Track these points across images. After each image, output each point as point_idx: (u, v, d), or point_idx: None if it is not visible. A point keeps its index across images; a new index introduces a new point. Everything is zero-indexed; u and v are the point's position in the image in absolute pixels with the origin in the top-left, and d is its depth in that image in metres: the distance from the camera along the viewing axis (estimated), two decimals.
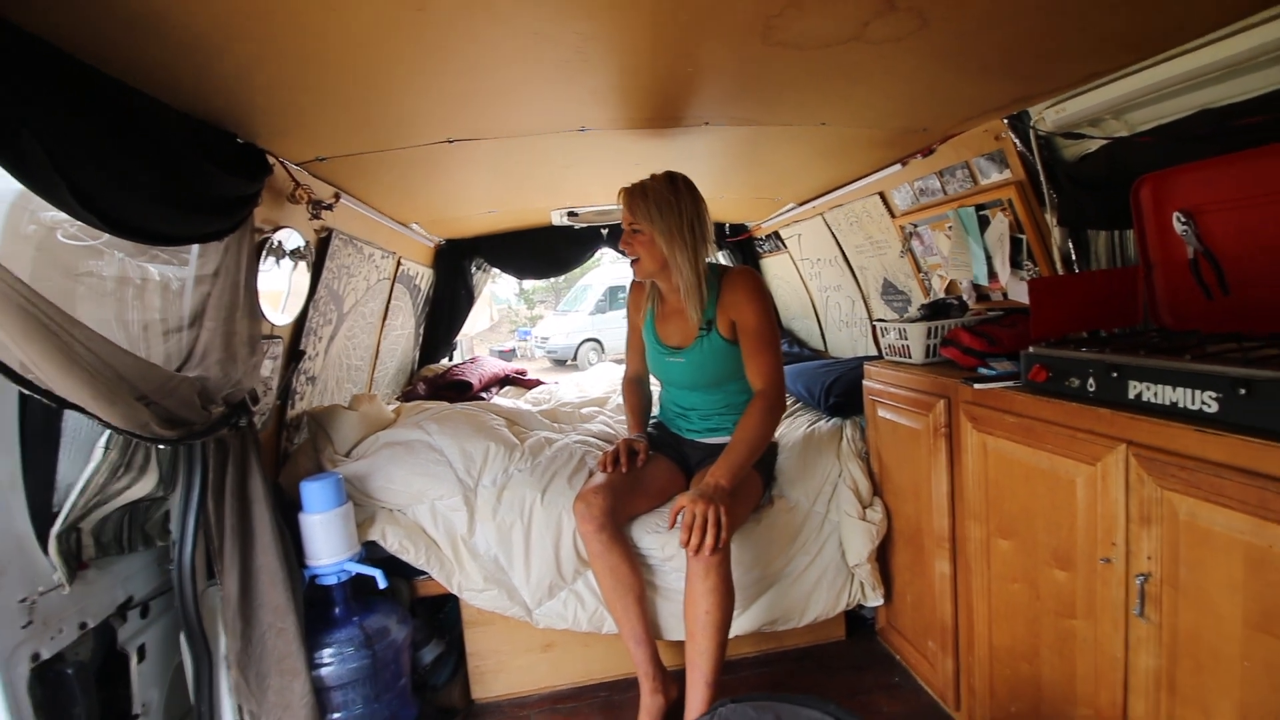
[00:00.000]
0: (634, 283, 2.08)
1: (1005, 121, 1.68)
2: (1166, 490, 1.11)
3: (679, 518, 1.62)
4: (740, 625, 2.03)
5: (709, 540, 1.57)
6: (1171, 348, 1.23)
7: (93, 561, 1.41)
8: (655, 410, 2.31)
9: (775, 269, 3.88)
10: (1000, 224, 1.91)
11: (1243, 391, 1.00)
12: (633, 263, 1.90)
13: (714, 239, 1.89)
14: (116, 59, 0.97)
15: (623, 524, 1.86)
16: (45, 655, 1.23)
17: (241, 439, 1.55)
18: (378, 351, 2.88)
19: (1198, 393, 1.07)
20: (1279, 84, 1.20)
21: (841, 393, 2.36)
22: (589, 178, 2.38)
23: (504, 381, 3.60)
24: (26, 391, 0.93)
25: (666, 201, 1.79)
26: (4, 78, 0.74)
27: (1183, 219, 1.40)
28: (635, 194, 1.83)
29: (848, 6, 1.04)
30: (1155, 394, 1.15)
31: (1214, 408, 1.05)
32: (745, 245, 4.00)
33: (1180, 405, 1.10)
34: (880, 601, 2.12)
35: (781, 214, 3.21)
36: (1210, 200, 1.36)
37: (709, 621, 1.68)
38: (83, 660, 1.34)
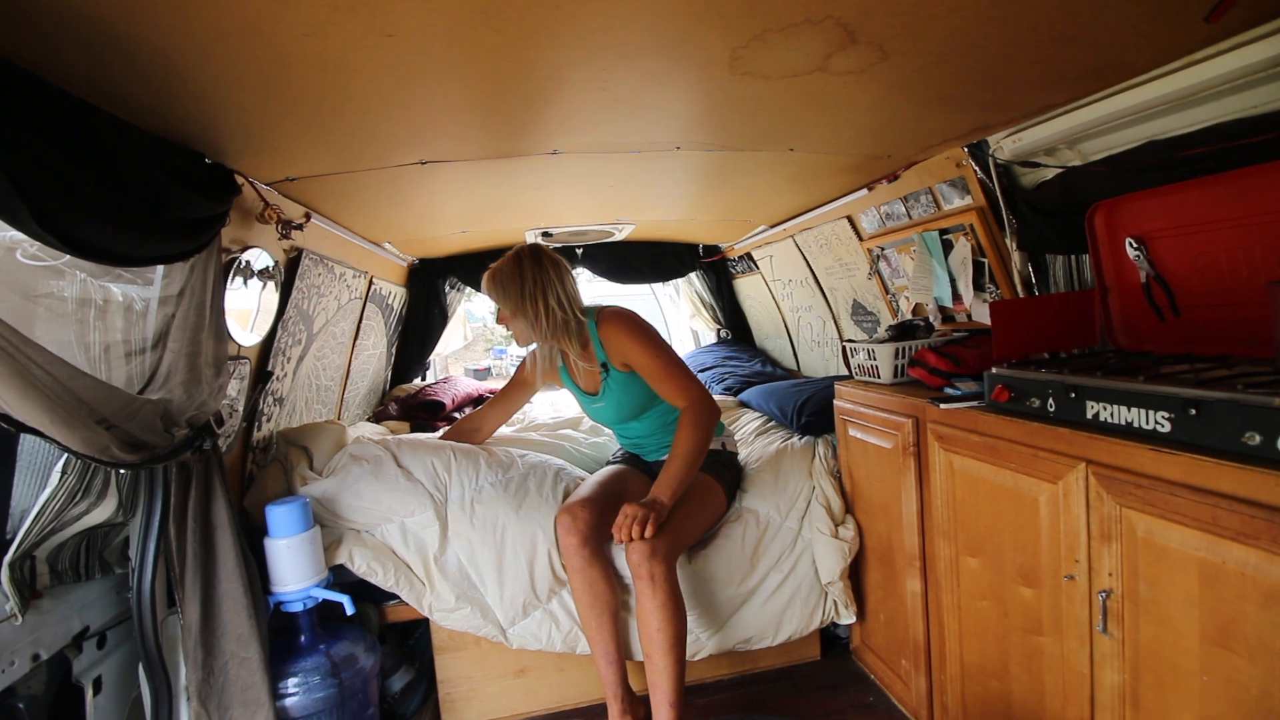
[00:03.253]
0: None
1: (965, 149, 1.74)
2: (1125, 508, 1.14)
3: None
4: (714, 645, 2.02)
5: (635, 529, 1.67)
6: (1126, 369, 1.27)
7: (47, 590, 1.36)
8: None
9: (748, 289, 3.93)
10: (963, 248, 1.96)
11: (1193, 412, 1.04)
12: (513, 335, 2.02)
13: (571, 296, 1.96)
14: (82, 79, 0.97)
15: (604, 540, 1.85)
16: None
17: (205, 462, 1.51)
18: (348, 372, 2.84)
19: (1151, 413, 1.11)
20: (1221, 117, 1.26)
21: (813, 412, 2.38)
22: (563, 199, 2.40)
23: (477, 401, 3.56)
24: None
25: (513, 279, 1.92)
26: None
27: (1135, 244, 1.46)
28: (488, 280, 1.97)
29: (810, 40, 1.08)
30: (1112, 414, 1.18)
31: (1167, 427, 1.09)
32: (719, 266, 4.05)
33: (1135, 425, 1.14)
34: (853, 619, 2.13)
35: (754, 236, 3.26)
36: (1160, 226, 1.42)
37: (661, 639, 1.69)
38: (35, 694, 1.29)
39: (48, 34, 0.83)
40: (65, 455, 1.26)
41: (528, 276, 1.90)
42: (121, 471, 1.33)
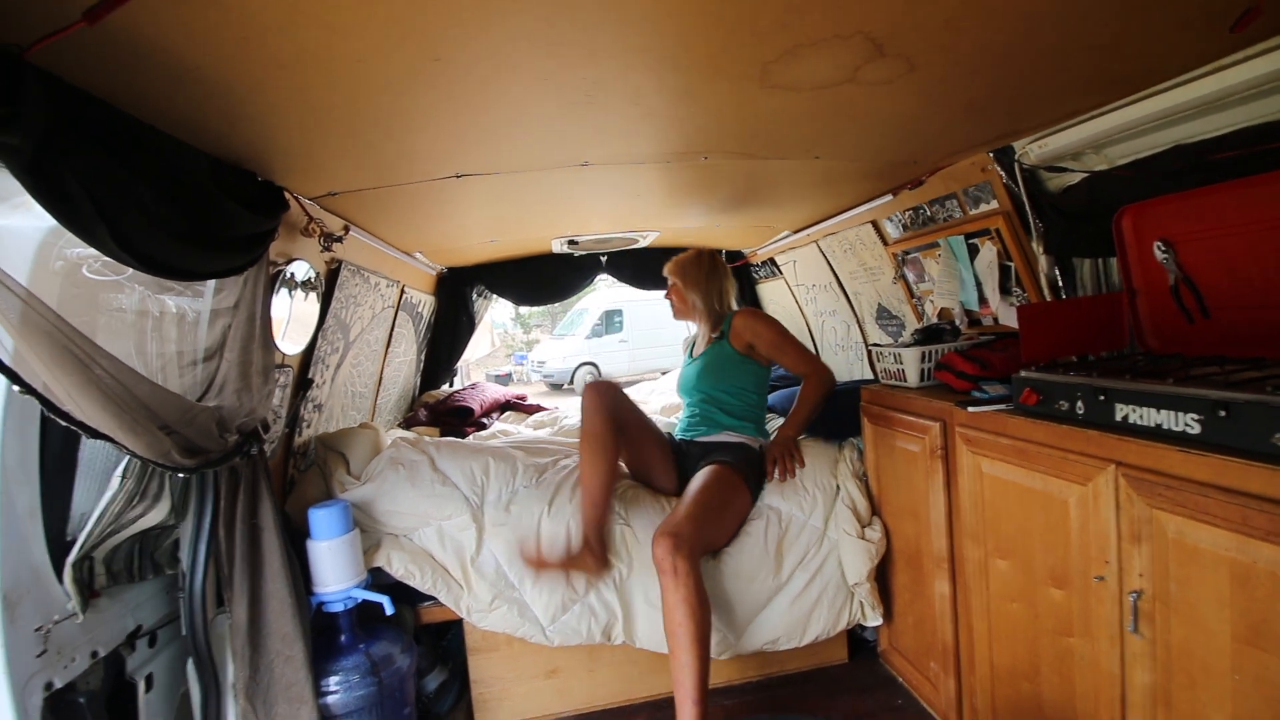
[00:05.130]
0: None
1: (991, 155, 1.75)
2: (1155, 509, 1.15)
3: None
4: (741, 644, 2.05)
5: (790, 464, 2.20)
6: (1155, 371, 1.28)
7: (104, 590, 1.43)
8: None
9: (771, 294, 3.95)
10: (989, 252, 1.97)
11: (1222, 413, 1.05)
12: (672, 308, 2.58)
13: (728, 295, 2.52)
14: (151, 107, 1.03)
15: (614, 413, 2.07)
16: (58, 684, 1.24)
17: (252, 467, 1.58)
18: (381, 378, 2.92)
19: (1180, 414, 1.12)
20: (1246, 121, 1.27)
21: (838, 417, 2.39)
22: (589, 208, 2.45)
23: (504, 407, 3.63)
24: (64, 424, 0.97)
25: (698, 269, 2.48)
26: (55, 131, 0.79)
27: (1163, 248, 1.47)
28: (676, 265, 2.53)
29: (840, 53, 1.11)
30: (1141, 416, 1.20)
31: (1196, 429, 1.10)
32: (741, 271, 4.07)
33: (1165, 427, 1.15)
34: (879, 621, 2.14)
35: (777, 241, 3.29)
36: (1188, 230, 1.43)
37: (684, 635, 1.73)
38: (94, 689, 1.35)
39: (126, 66, 0.89)
40: (125, 460, 1.32)
41: (710, 272, 2.47)
42: (180, 476, 1.39)
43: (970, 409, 1.62)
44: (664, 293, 2.62)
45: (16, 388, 0.89)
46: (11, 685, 1.15)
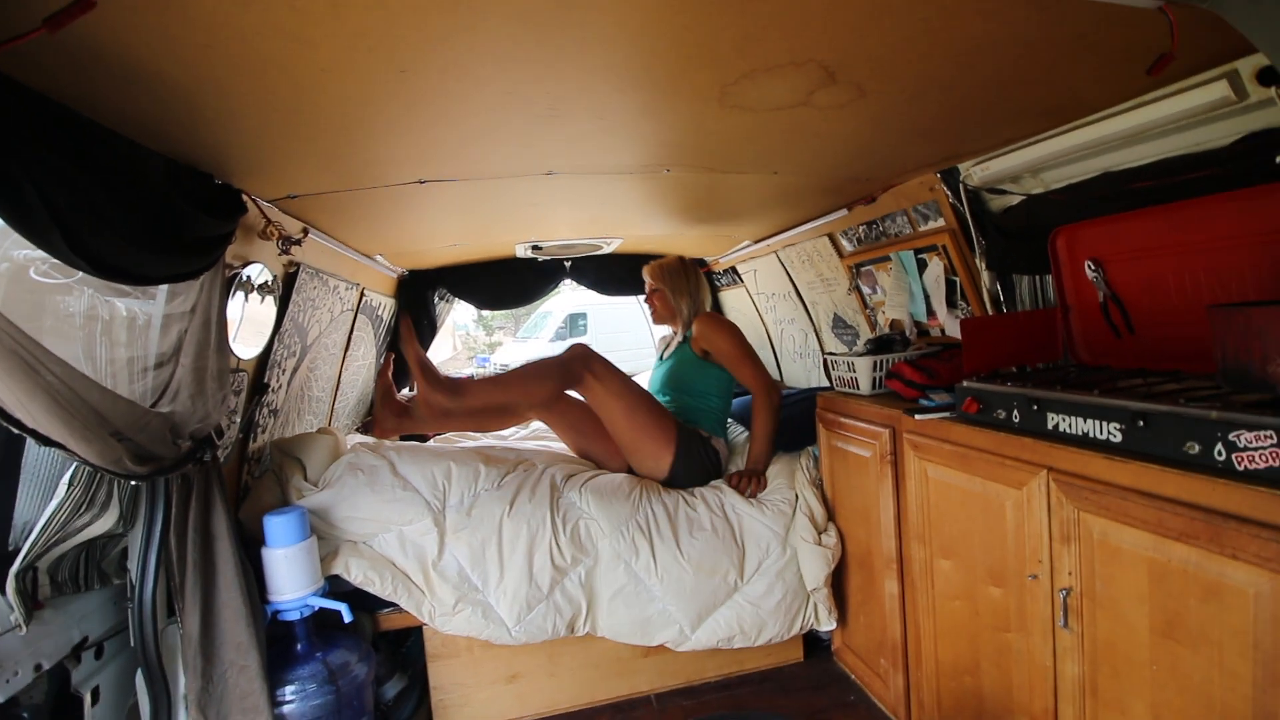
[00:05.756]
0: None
1: (938, 175, 1.84)
2: (1082, 512, 1.23)
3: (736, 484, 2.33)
4: (697, 639, 2.10)
5: (753, 488, 2.31)
6: (1085, 383, 1.37)
7: (48, 601, 1.38)
8: None
9: (733, 302, 4.02)
10: (936, 266, 2.07)
11: (1141, 423, 1.13)
12: (653, 313, 2.70)
13: (704, 302, 2.67)
14: (107, 110, 1.02)
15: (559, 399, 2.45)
16: (0, 699, 1.20)
17: (205, 474, 1.55)
18: (339, 382, 2.87)
19: (1105, 423, 1.21)
20: (1169, 152, 1.37)
21: (796, 427, 2.47)
22: (554, 214, 2.47)
23: None
24: (15, 430, 0.95)
25: (680, 276, 2.63)
26: (10, 135, 0.78)
27: (1093, 267, 1.57)
28: (655, 270, 2.66)
29: (794, 79, 1.16)
30: (1070, 424, 1.28)
31: (1119, 437, 1.18)
32: (705, 278, 4.14)
33: (1091, 435, 1.24)
34: (833, 625, 2.21)
35: (738, 250, 3.36)
36: (1115, 251, 1.54)
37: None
38: (37, 704, 1.31)
39: (84, 71, 0.88)
40: (73, 467, 1.29)
41: (691, 279, 2.63)
42: (132, 483, 1.36)
43: (917, 416, 1.70)
44: (643, 297, 2.72)
45: None
46: None
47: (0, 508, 1.28)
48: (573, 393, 2.40)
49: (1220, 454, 1.01)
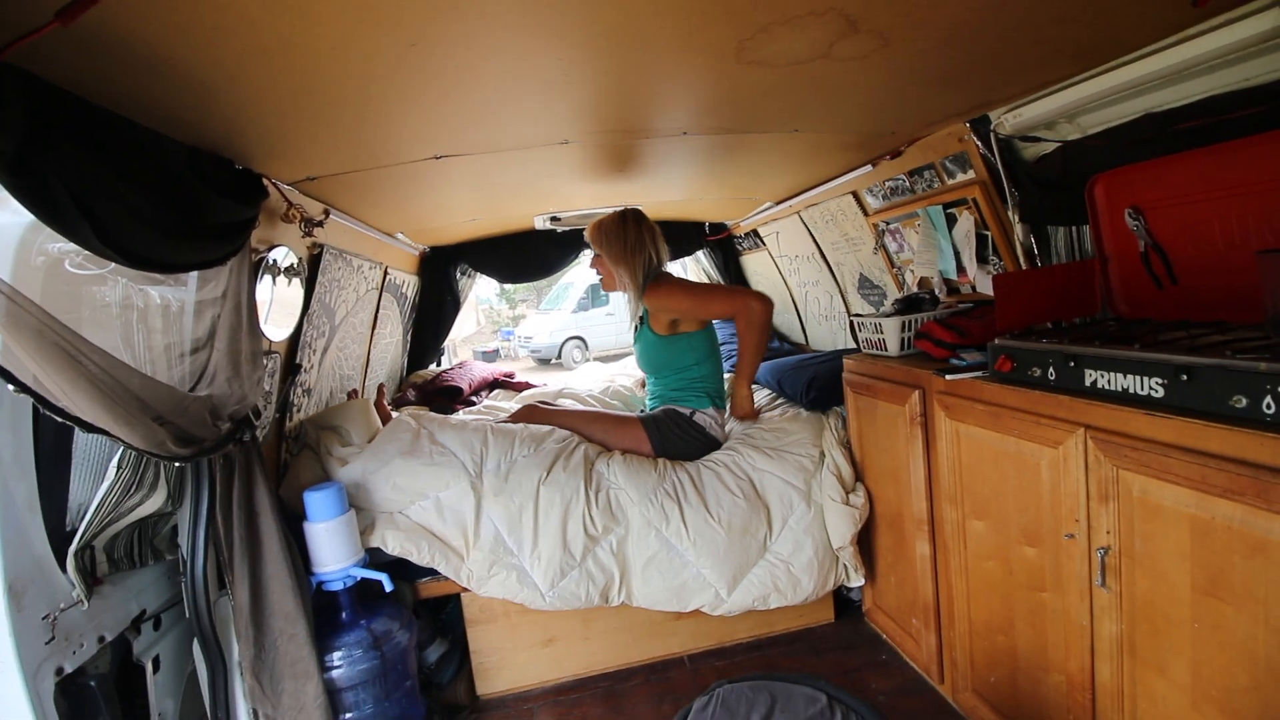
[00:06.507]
0: None
1: (967, 125, 1.77)
2: (1121, 469, 1.20)
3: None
4: (733, 602, 2.11)
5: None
6: (1124, 337, 1.32)
7: (106, 577, 1.45)
8: None
9: (755, 265, 3.97)
10: (966, 221, 2.00)
11: (1184, 377, 1.10)
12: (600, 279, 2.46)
13: (660, 256, 2.37)
14: (126, 100, 1.02)
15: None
16: (68, 669, 1.27)
17: (246, 453, 1.60)
18: (368, 360, 2.92)
19: (1146, 379, 1.17)
20: (1215, 89, 1.30)
21: (821, 387, 2.44)
22: (572, 184, 2.44)
23: (493, 385, 3.65)
24: (60, 419, 0.98)
25: (616, 234, 2.32)
26: (35, 131, 0.79)
27: (1133, 215, 1.50)
28: (592, 230, 2.38)
29: (813, 30, 1.12)
30: (1109, 381, 1.24)
31: (1160, 393, 1.15)
32: (725, 244, 4.08)
33: (1131, 391, 1.20)
34: (862, 582, 2.22)
35: (759, 213, 3.30)
36: (1157, 197, 1.47)
37: None
38: (103, 673, 1.39)
39: (101, 62, 0.88)
40: (120, 450, 1.34)
41: (630, 238, 2.29)
42: (177, 465, 1.40)
43: (948, 376, 1.67)
44: (589, 261, 2.49)
45: (11, 387, 0.90)
46: (23, 671, 1.19)
47: (55, 491, 1.34)
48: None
49: (1270, 407, 0.97)
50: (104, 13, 0.76)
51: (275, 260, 1.77)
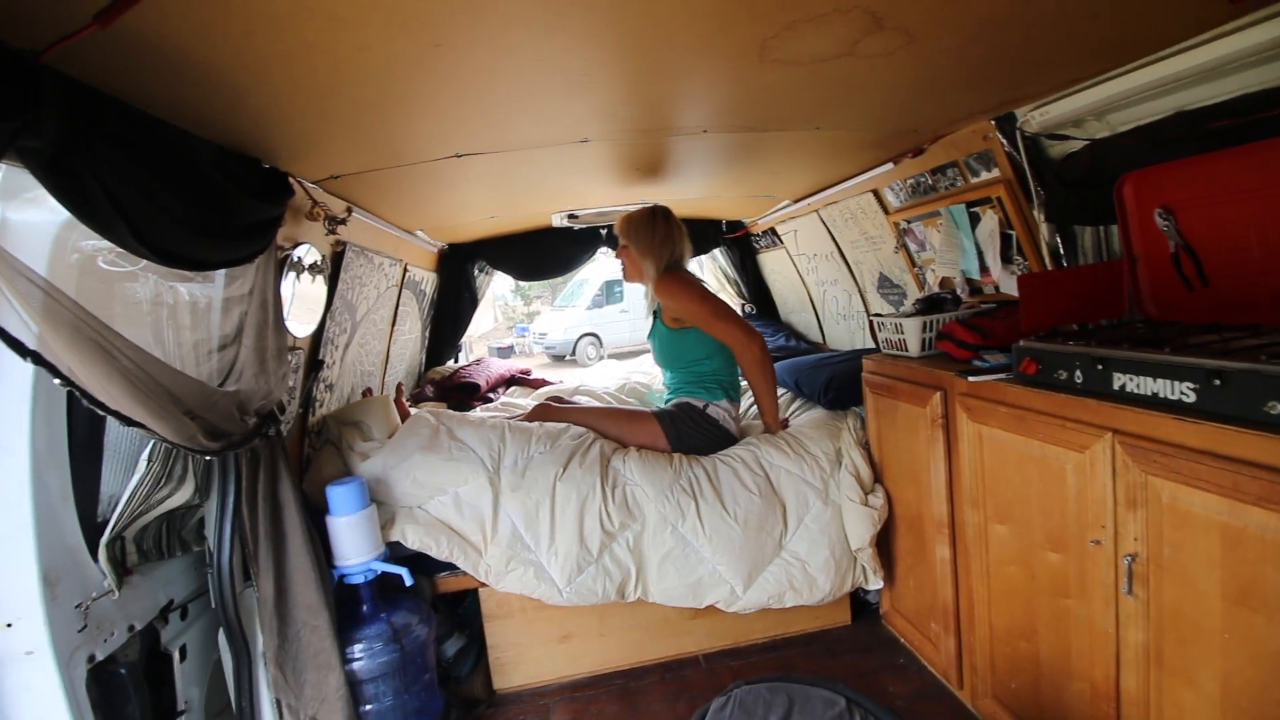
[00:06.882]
0: None
1: (993, 123, 1.74)
2: (1150, 475, 1.18)
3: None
4: (749, 599, 2.11)
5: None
6: (1154, 339, 1.30)
7: (136, 568, 1.49)
8: None
9: (772, 264, 3.95)
10: (990, 220, 1.97)
11: (1217, 382, 1.07)
12: (623, 271, 2.49)
13: (684, 253, 2.42)
14: (159, 101, 1.04)
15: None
16: (100, 657, 1.31)
17: (271, 447, 1.62)
18: (388, 356, 2.96)
19: (1176, 383, 1.15)
20: (1250, 87, 1.27)
21: (839, 388, 2.43)
22: (589, 182, 2.45)
23: (510, 382, 3.67)
24: (100, 412, 1.01)
25: (646, 227, 2.36)
26: (72, 132, 0.81)
27: (1163, 215, 1.47)
28: (622, 222, 2.41)
29: (838, 28, 1.11)
30: (1138, 385, 1.22)
31: (1192, 397, 1.12)
32: (742, 241, 4.07)
33: (1161, 395, 1.18)
34: (880, 584, 2.20)
35: (777, 210, 3.28)
36: (1188, 197, 1.43)
37: None
38: (132, 661, 1.42)
39: (136, 64, 0.90)
40: (150, 444, 1.37)
41: (659, 232, 2.34)
42: (207, 458, 1.43)
43: (971, 378, 1.65)
44: (615, 252, 2.53)
45: (56, 381, 0.93)
46: (57, 658, 1.22)
47: (88, 483, 1.37)
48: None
49: None
50: (140, 16, 0.77)
51: (300, 258, 1.79)
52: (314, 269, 1.89)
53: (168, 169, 1.03)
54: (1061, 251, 1.81)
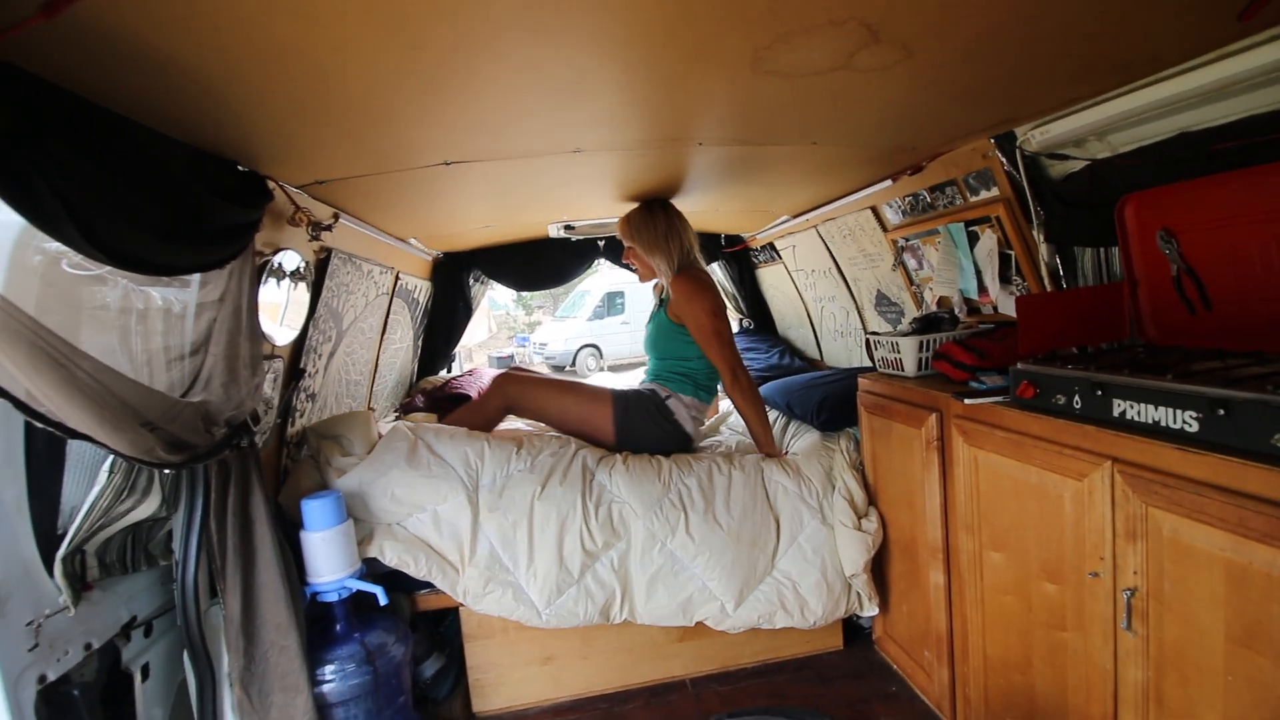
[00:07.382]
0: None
1: (992, 141, 1.71)
2: (1151, 507, 1.14)
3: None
4: (739, 617, 2.06)
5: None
6: (1156, 365, 1.26)
7: (97, 582, 1.43)
8: None
9: (770, 279, 3.91)
10: (989, 240, 1.94)
11: (1221, 412, 1.03)
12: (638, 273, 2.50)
13: (691, 241, 2.39)
14: (122, 97, 1.00)
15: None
16: (52, 677, 1.24)
17: (243, 459, 1.57)
18: (377, 366, 2.90)
19: (1179, 412, 1.10)
20: (1255, 109, 1.23)
21: (833, 408, 2.38)
22: (585, 194, 2.41)
23: None
24: (38, 424, 0.95)
25: (647, 224, 2.34)
26: (17, 126, 0.77)
27: (1165, 237, 1.44)
28: (622, 223, 2.41)
29: (833, 40, 1.07)
30: (1139, 412, 1.18)
31: (1195, 427, 1.08)
32: (741, 256, 4.03)
33: (1163, 424, 1.13)
34: (875, 611, 2.14)
35: (775, 225, 3.25)
36: (1191, 220, 1.40)
37: None
38: (88, 681, 1.36)
39: (93, 57, 0.86)
40: (112, 455, 1.31)
41: (660, 227, 2.31)
42: (168, 471, 1.38)
43: (967, 400, 1.60)
44: (623, 258, 2.52)
45: None
46: (4, 678, 1.16)
47: (47, 494, 1.31)
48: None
49: None
50: (94, 6, 0.73)
51: (280, 264, 1.75)
52: (296, 275, 1.85)
53: (128, 168, 0.98)
54: (1061, 272, 1.78)
